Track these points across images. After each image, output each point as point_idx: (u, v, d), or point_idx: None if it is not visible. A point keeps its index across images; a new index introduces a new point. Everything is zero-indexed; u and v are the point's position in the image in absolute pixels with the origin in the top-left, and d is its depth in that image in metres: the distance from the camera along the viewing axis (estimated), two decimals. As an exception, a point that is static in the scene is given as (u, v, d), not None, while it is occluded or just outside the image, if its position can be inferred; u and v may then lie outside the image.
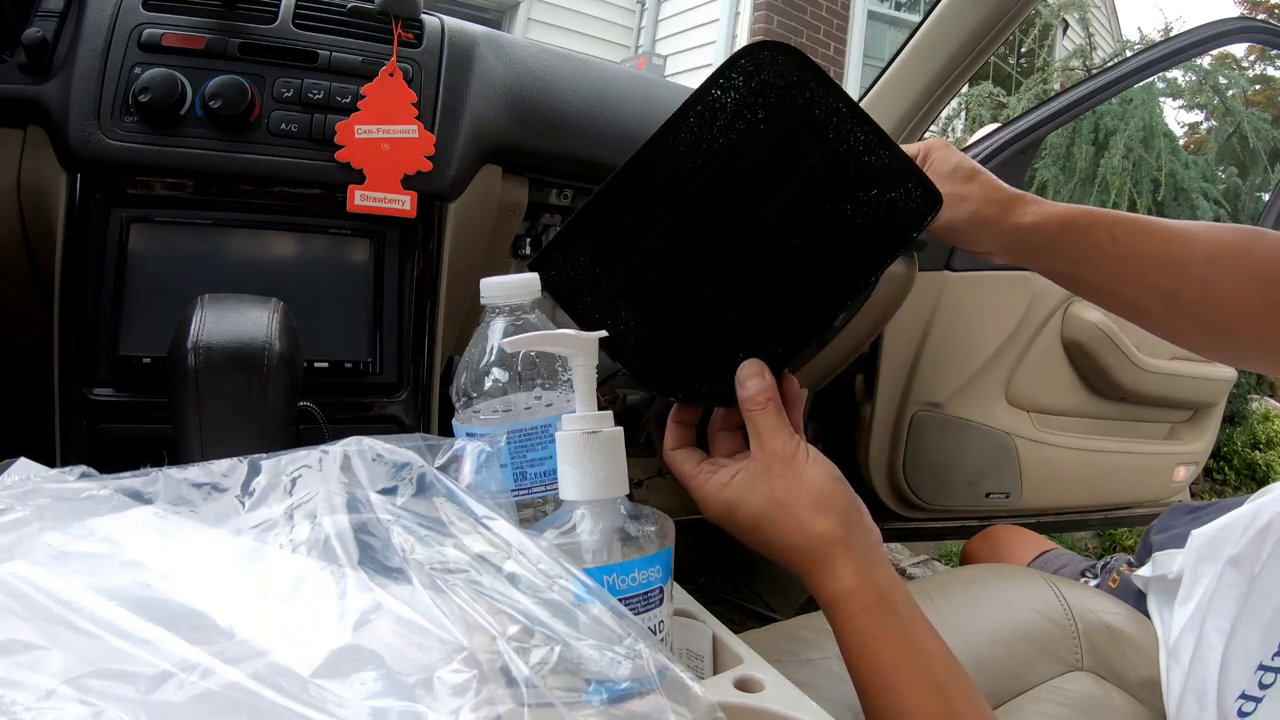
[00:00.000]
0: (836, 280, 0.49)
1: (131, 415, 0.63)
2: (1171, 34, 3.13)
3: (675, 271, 0.49)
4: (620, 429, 0.43)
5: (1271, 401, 3.62)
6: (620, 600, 0.38)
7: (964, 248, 0.60)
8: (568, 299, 0.50)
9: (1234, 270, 0.53)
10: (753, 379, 0.49)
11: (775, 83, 0.47)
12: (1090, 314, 1.55)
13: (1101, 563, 1.03)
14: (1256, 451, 3.21)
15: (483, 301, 0.52)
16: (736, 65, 0.48)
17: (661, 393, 0.50)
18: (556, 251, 0.50)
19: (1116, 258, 0.56)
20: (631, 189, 0.49)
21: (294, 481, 0.36)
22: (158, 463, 0.38)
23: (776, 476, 0.47)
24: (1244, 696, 0.57)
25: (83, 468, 0.36)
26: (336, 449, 0.37)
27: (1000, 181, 0.60)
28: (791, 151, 0.47)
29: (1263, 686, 0.56)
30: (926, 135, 1.39)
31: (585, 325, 0.49)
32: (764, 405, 0.48)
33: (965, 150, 1.45)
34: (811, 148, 0.47)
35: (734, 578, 1.65)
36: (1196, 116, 4.61)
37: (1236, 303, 0.53)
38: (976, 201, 0.58)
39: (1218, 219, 3.31)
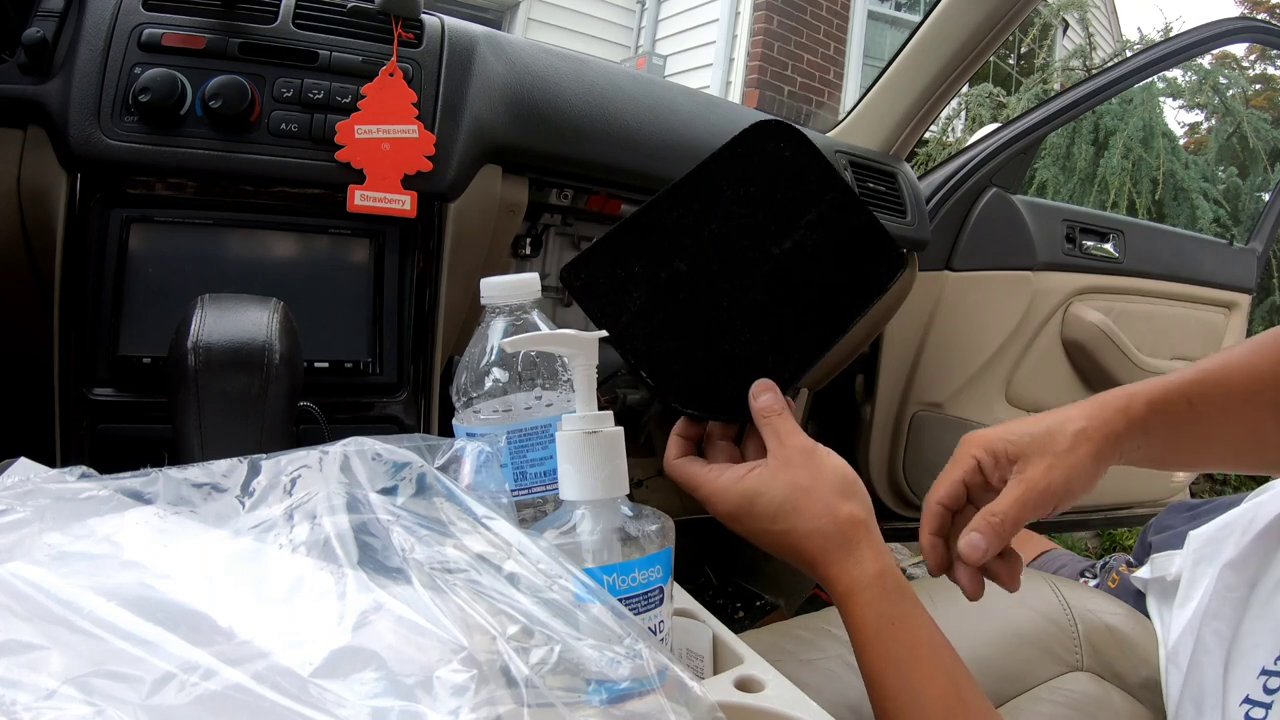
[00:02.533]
0: (827, 319, 0.55)
1: (131, 415, 0.63)
2: (1171, 34, 3.13)
3: (698, 295, 0.53)
4: (620, 429, 0.43)
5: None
6: (620, 600, 0.38)
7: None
8: (598, 307, 0.52)
9: None
10: (766, 393, 0.52)
11: (784, 153, 0.56)
12: (1090, 314, 1.55)
13: (1101, 563, 1.03)
14: (1256, 451, 3.19)
15: (483, 301, 0.52)
16: (756, 134, 0.55)
17: (683, 405, 0.53)
18: (592, 259, 0.52)
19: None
20: (669, 214, 0.53)
21: (294, 482, 0.36)
22: (158, 463, 0.38)
23: (798, 467, 0.49)
24: (1249, 701, 0.57)
25: (83, 468, 0.36)
26: (336, 449, 0.37)
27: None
28: (795, 208, 0.55)
29: (1268, 691, 0.56)
30: (927, 135, 1.39)
31: (611, 331, 0.51)
32: (780, 412, 0.52)
33: (964, 150, 1.45)
34: (809, 208, 0.55)
35: (734, 576, 1.65)
36: (1196, 116, 4.60)
37: None
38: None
39: (1217, 219, 3.30)
